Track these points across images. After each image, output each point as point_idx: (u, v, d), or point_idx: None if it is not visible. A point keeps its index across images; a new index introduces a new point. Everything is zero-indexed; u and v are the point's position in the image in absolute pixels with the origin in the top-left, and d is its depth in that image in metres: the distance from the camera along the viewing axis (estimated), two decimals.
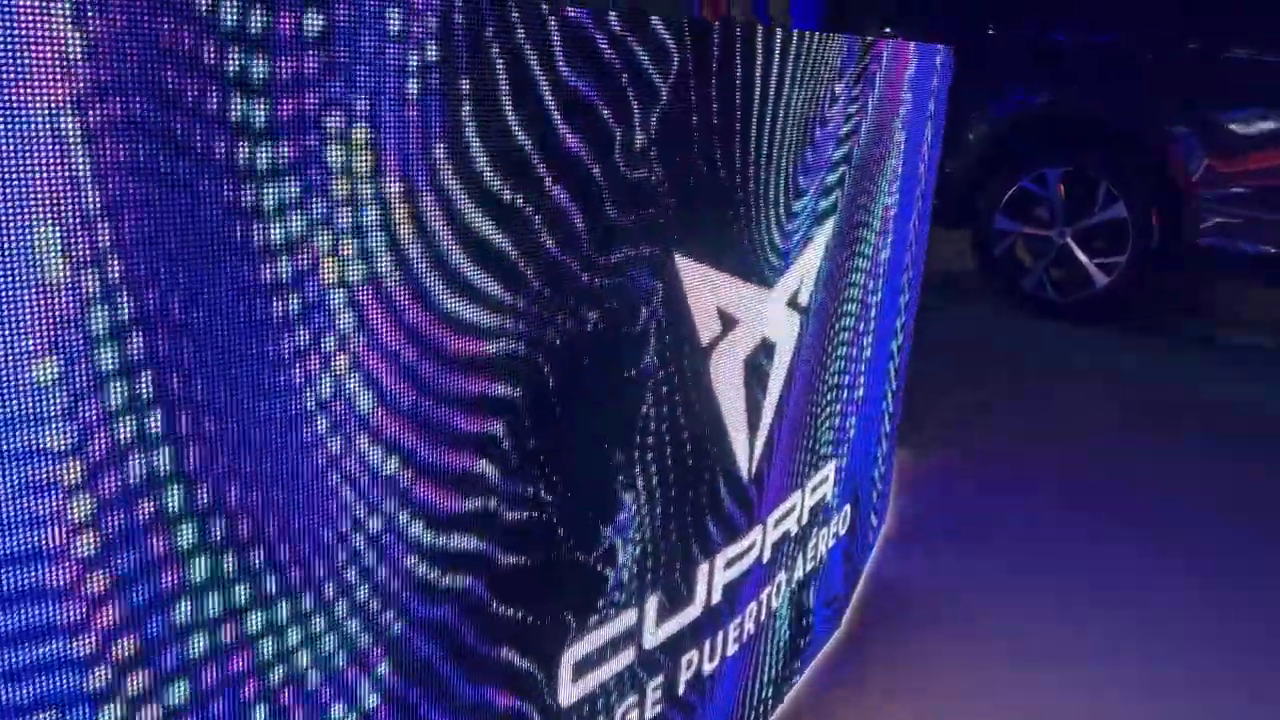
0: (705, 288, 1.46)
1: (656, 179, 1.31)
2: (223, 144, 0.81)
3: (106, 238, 0.75)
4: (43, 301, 0.72)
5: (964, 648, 2.19)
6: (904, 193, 2.12)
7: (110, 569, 0.80)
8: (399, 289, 0.99)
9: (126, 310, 0.78)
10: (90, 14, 0.71)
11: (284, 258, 0.88)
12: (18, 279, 0.71)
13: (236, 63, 0.81)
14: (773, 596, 1.87)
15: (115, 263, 0.76)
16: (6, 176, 0.69)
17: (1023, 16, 5.00)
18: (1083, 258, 4.78)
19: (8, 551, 0.74)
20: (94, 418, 0.78)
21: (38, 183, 0.71)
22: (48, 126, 0.70)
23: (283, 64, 0.84)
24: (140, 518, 0.83)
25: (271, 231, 0.86)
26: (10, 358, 0.71)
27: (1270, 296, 5.13)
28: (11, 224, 0.70)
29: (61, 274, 0.73)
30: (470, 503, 1.12)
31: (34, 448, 0.74)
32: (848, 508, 2.20)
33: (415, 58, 0.96)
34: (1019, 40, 4.98)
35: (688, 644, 1.60)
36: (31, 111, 0.69)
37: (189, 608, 0.87)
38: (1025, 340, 4.61)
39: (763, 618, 1.84)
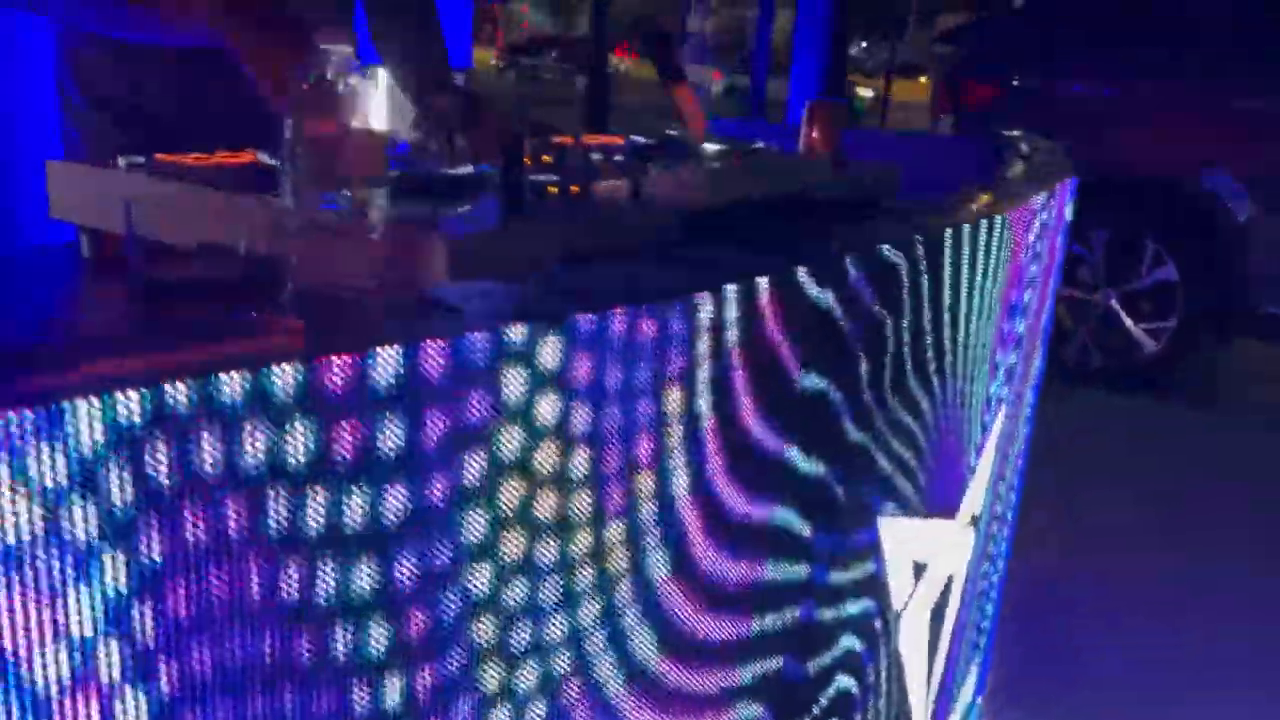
0: (903, 544, 1.14)
1: (870, 437, 0.99)
2: None
3: None
4: None
5: None
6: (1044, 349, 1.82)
7: None
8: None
9: None
10: None
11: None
12: None
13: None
14: None
15: None
16: None
17: (1056, 67, 4.73)
18: (1128, 322, 4.51)
19: None
20: None
21: None
22: None
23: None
24: None
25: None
26: None
27: None
28: None
29: None
30: None
31: None
32: (980, 699, 1.90)
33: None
34: (1052, 93, 4.72)
35: None
36: None
37: None
38: (1064, 410, 4.33)
39: None
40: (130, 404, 0.43)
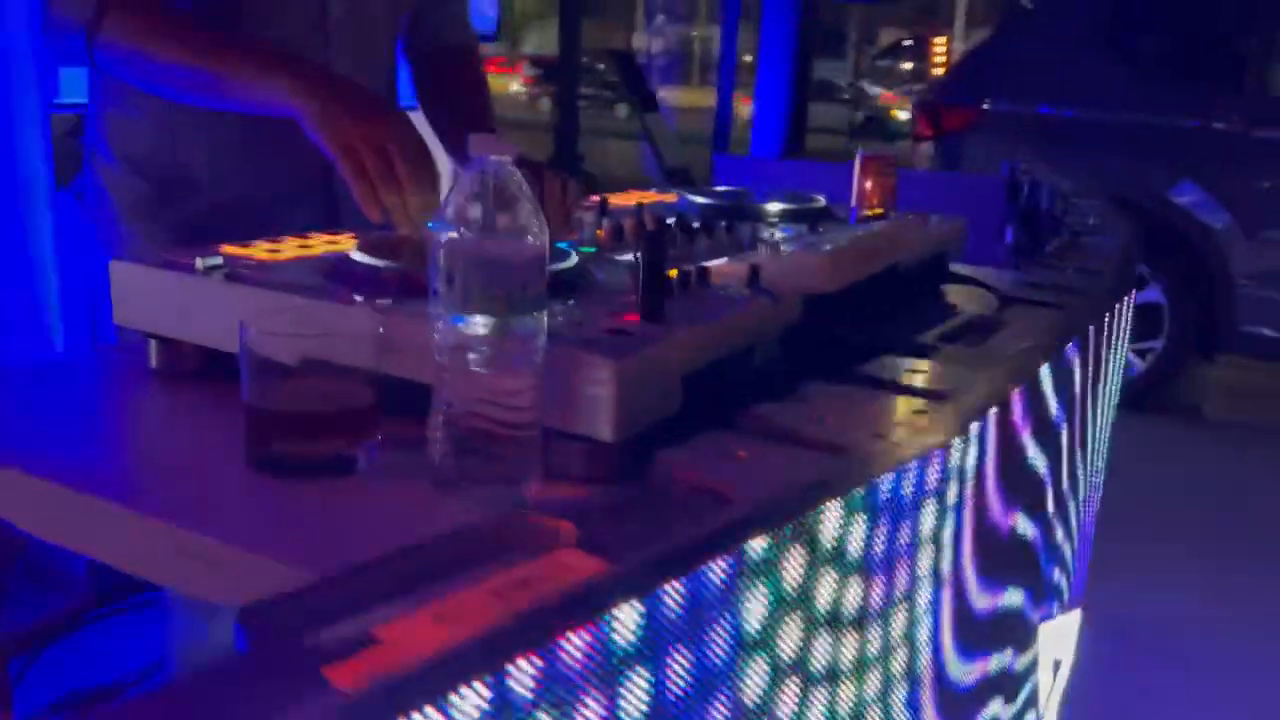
0: (1051, 644, 1.06)
1: (1048, 548, 0.91)
2: None
3: None
4: None
5: None
6: None
7: None
8: None
9: None
10: None
11: None
12: None
13: None
14: None
15: None
16: None
17: (1033, 91, 4.73)
18: None
19: None
20: None
21: None
22: None
23: None
24: None
25: None
26: None
27: None
28: None
29: None
30: None
31: None
32: None
33: None
34: (1028, 116, 4.72)
35: None
36: None
37: None
38: None
39: None
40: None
